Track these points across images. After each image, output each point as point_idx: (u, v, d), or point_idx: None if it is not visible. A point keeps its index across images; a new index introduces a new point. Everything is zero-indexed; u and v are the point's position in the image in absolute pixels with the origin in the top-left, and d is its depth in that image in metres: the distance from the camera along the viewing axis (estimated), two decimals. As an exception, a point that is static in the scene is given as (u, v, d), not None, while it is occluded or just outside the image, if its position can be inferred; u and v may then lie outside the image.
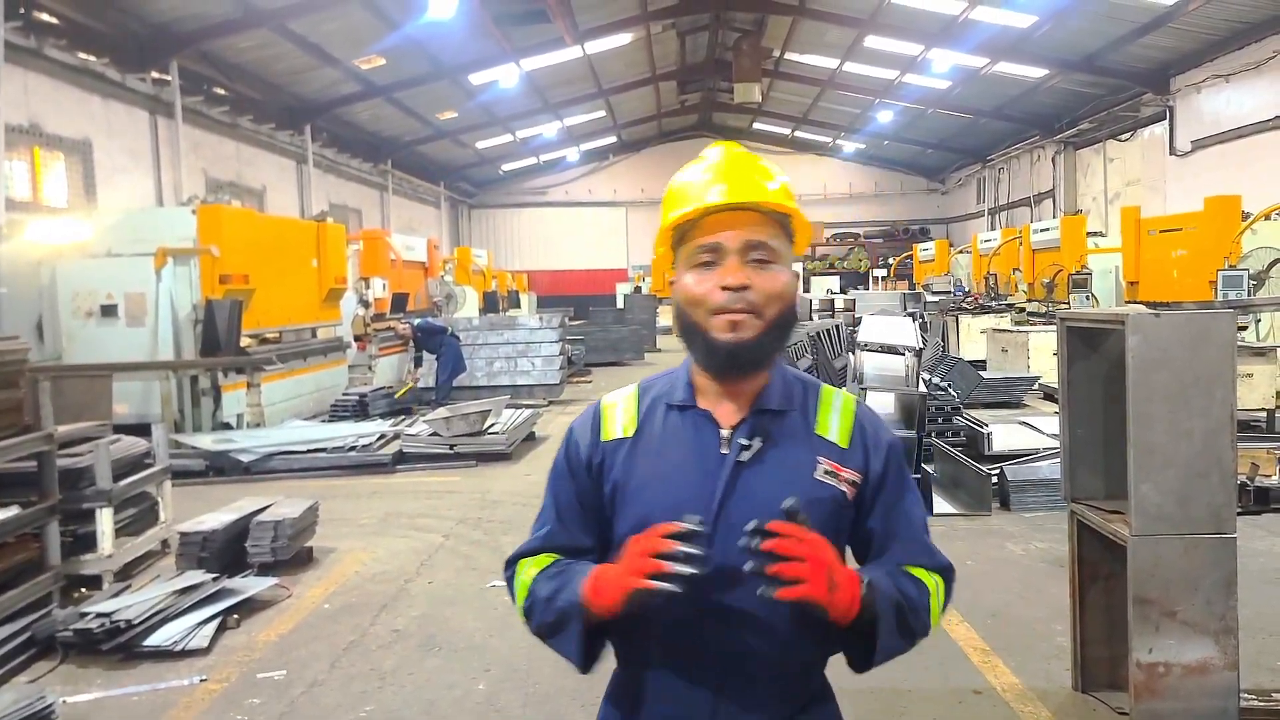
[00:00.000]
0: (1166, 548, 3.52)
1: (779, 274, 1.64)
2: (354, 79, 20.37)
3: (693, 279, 1.65)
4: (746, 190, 1.65)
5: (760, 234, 1.64)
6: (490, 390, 13.97)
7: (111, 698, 4.56)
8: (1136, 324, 3.47)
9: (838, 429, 1.70)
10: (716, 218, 1.64)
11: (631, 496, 1.69)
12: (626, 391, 1.81)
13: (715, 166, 1.70)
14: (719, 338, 1.62)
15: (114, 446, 6.48)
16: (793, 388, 1.73)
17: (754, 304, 1.61)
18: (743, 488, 1.63)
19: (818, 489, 1.64)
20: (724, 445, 1.66)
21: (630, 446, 1.72)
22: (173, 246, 10.85)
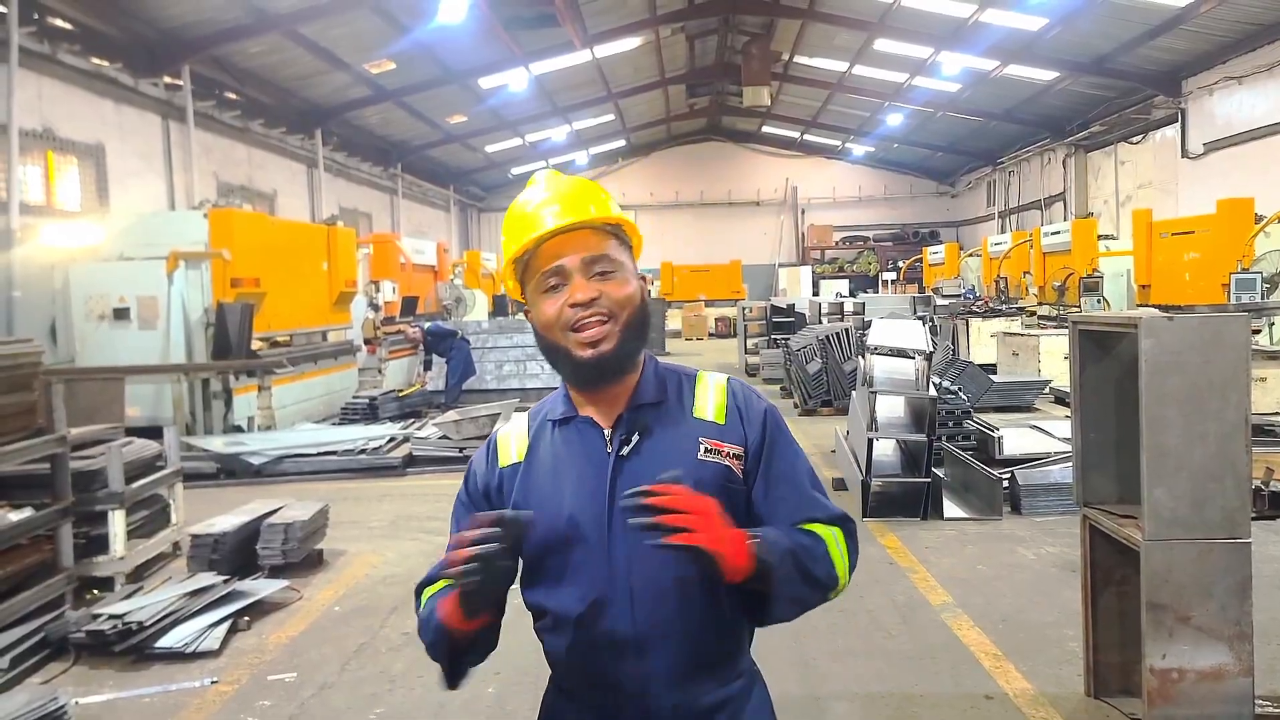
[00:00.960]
0: (1180, 552, 3.50)
1: (625, 281, 1.73)
2: (364, 83, 20.42)
3: (546, 304, 1.72)
4: (575, 210, 1.72)
5: (597, 248, 1.72)
6: (499, 394, 13.98)
7: (123, 699, 4.57)
8: (1150, 327, 3.45)
9: (713, 408, 1.77)
10: (553, 243, 1.72)
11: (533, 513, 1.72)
12: (517, 419, 1.90)
13: (541, 194, 1.77)
14: (581, 355, 1.69)
15: (126, 449, 6.51)
16: (666, 379, 1.80)
17: (607, 311, 1.69)
18: (629, 480, 1.66)
19: (702, 469, 1.70)
20: (607, 445, 1.74)
21: (525, 469, 1.79)
22: (185, 250, 10.89)
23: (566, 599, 1.72)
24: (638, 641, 1.68)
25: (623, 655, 1.69)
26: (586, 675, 1.74)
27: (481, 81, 22.60)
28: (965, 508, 7.70)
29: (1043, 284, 18.70)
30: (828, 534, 1.75)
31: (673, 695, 1.71)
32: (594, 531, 1.70)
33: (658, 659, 1.69)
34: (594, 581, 1.69)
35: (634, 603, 1.68)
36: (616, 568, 1.68)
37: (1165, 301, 14.18)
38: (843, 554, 1.75)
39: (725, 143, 37.84)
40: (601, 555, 1.69)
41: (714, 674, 1.74)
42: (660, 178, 38.31)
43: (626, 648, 1.69)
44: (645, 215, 38.48)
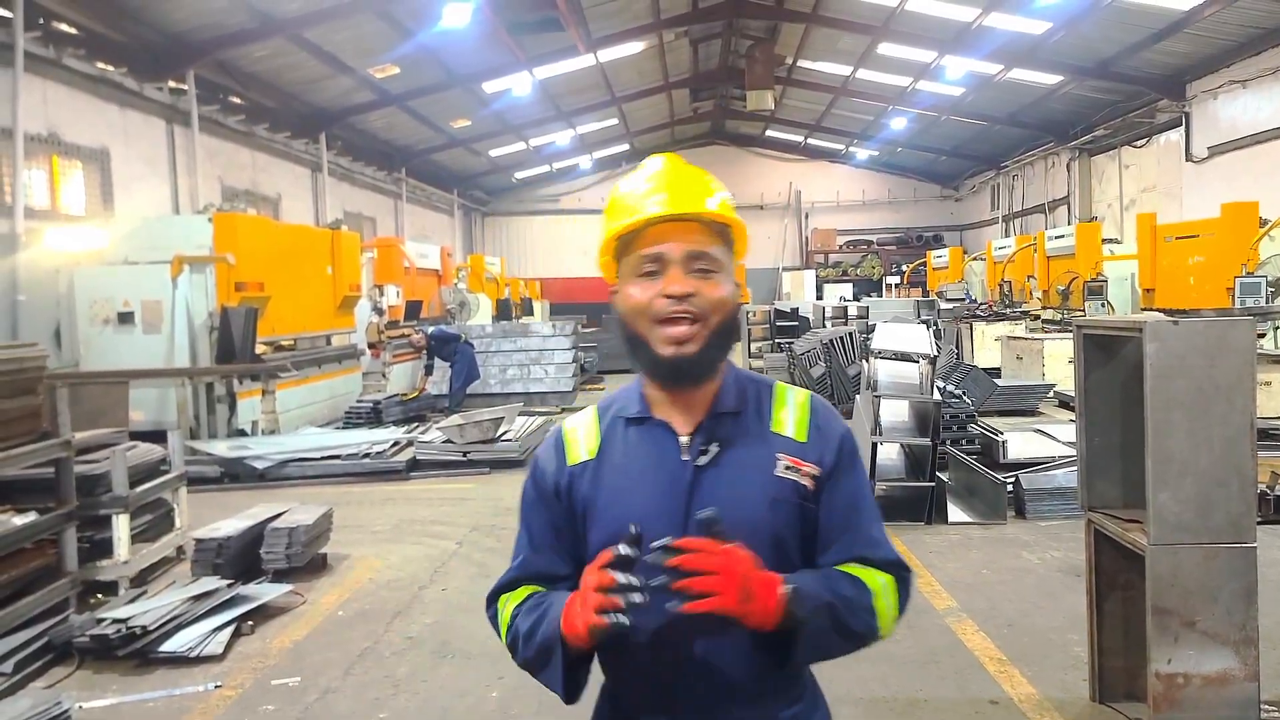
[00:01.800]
0: (1185, 557, 3.49)
1: (721, 284, 1.67)
2: (368, 87, 20.45)
3: (636, 289, 1.67)
4: (688, 201, 1.67)
5: (702, 244, 1.66)
6: (503, 397, 13.99)
7: (127, 703, 4.57)
8: (1154, 332, 3.44)
9: (794, 424, 1.72)
10: (659, 228, 1.66)
11: (600, 515, 1.70)
12: (586, 414, 1.82)
13: (657, 177, 1.73)
14: (662, 352, 1.64)
15: (130, 453, 6.51)
16: (745, 388, 1.75)
17: (699, 311, 1.63)
18: (706, 491, 1.64)
19: (780, 486, 1.66)
20: (683, 452, 1.67)
21: (595, 467, 1.73)
22: (189, 254, 10.92)
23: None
24: (705, 656, 1.64)
25: (689, 669, 1.64)
26: (649, 686, 1.69)
27: (485, 86, 22.62)
28: (970, 512, 7.68)
29: (1047, 288, 18.68)
30: (877, 583, 1.69)
31: (739, 711, 1.67)
32: None
33: (725, 674, 1.64)
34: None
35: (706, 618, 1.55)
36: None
37: (1170, 305, 14.14)
38: (890, 606, 1.69)
39: (729, 146, 37.84)
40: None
41: (780, 692, 1.69)
42: (664, 182, 38.28)
43: (687, 663, 1.64)
44: (649, 219, 38.44)
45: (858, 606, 1.64)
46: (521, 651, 1.74)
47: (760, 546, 1.58)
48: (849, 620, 1.63)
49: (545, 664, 1.69)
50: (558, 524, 1.76)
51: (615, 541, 1.59)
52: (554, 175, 36.94)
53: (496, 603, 1.84)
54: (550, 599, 1.71)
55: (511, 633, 1.76)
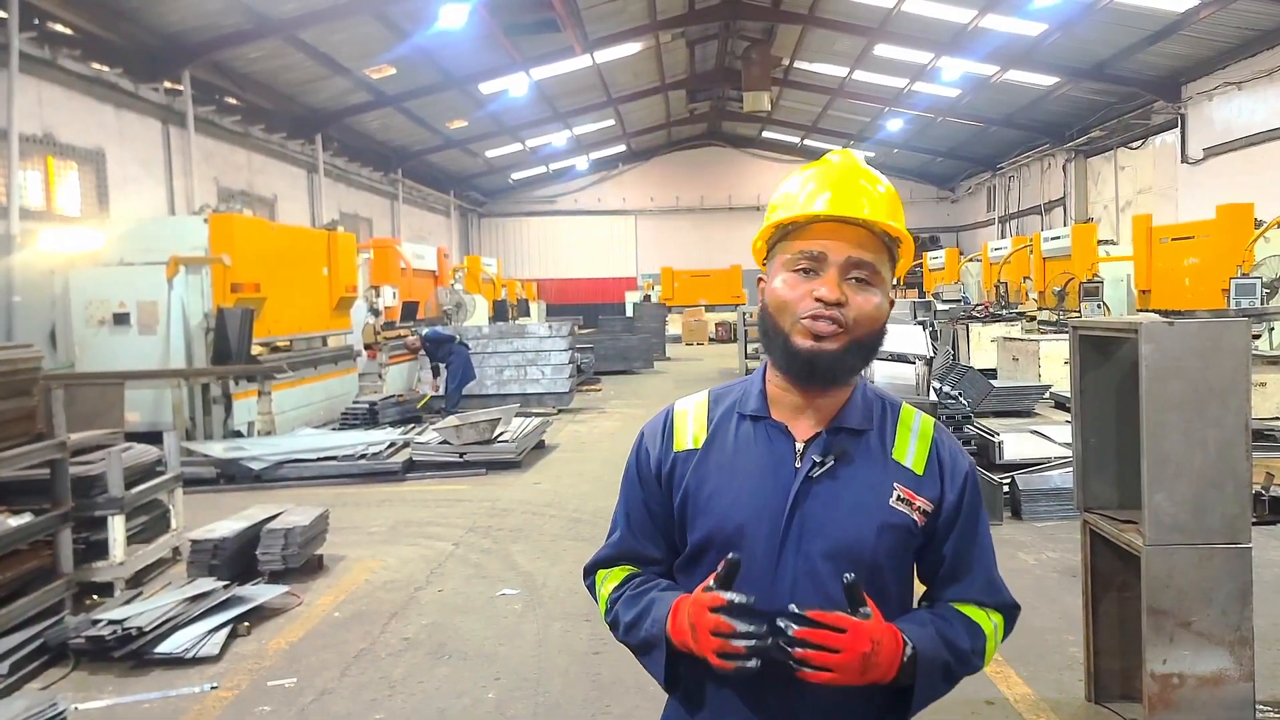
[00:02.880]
0: (1181, 558, 3.50)
1: (874, 295, 1.60)
2: (364, 88, 20.47)
3: (786, 283, 1.61)
4: (860, 206, 1.60)
5: (866, 253, 1.60)
6: (500, 399, 13.97)
7: (123, 705, 4.56)
8: (1150, 333, 3.45)
9: (914, 455, 1.66)
10: (825, 226, 1.60)
11: (702, 507, 1.66)
12: (698, 399, 1.78)
13: (832, 174, 1.66)
14: (800, 344, 1.58)
15: (126, 454, 6.50)
16: (872, 407, 1.68)
17: (845, 322, 1.57)
18: (813, 505, 1.60)
19: (890, 515, 1.61)
20: (797, 459, 1.62)
21: (701, 456, 1.69)
22: (185, 255, 10.89)
23: None
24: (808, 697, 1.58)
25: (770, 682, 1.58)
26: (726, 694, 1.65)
27: (482, 87, 22.64)
28: (965, 513, 7.67)
29: (1043, 289, 18.72)
30: (989, 626, 1.70)
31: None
32: (764, 546, 1.60)
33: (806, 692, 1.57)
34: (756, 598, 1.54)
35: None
36: (780, 590, 1.58)
37: (1165, 306, 14.17)
38: (996, 645, 1.71)
39: (726, 148, 37.90)
40: (766, 572, 1.60)
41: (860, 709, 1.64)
42: (660, 183, 38.36)
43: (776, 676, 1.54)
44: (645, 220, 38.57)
45: (969, 657, 1.65)
46: (623, 636, 1.73)
47: (857, 568, 1.55)
48: (959, 670, 1.65)
49: (647, 654, 1.68)
50: (654, 507, 1.75)
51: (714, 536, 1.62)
52: (550, 176, 36.97)
53: (595, 575, 1.83)
54: (652, 594, 1.70)
55: (611, 615, 1.75)
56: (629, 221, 38.86)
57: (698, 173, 38.08)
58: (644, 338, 22.34)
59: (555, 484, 9.45)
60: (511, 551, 7.03)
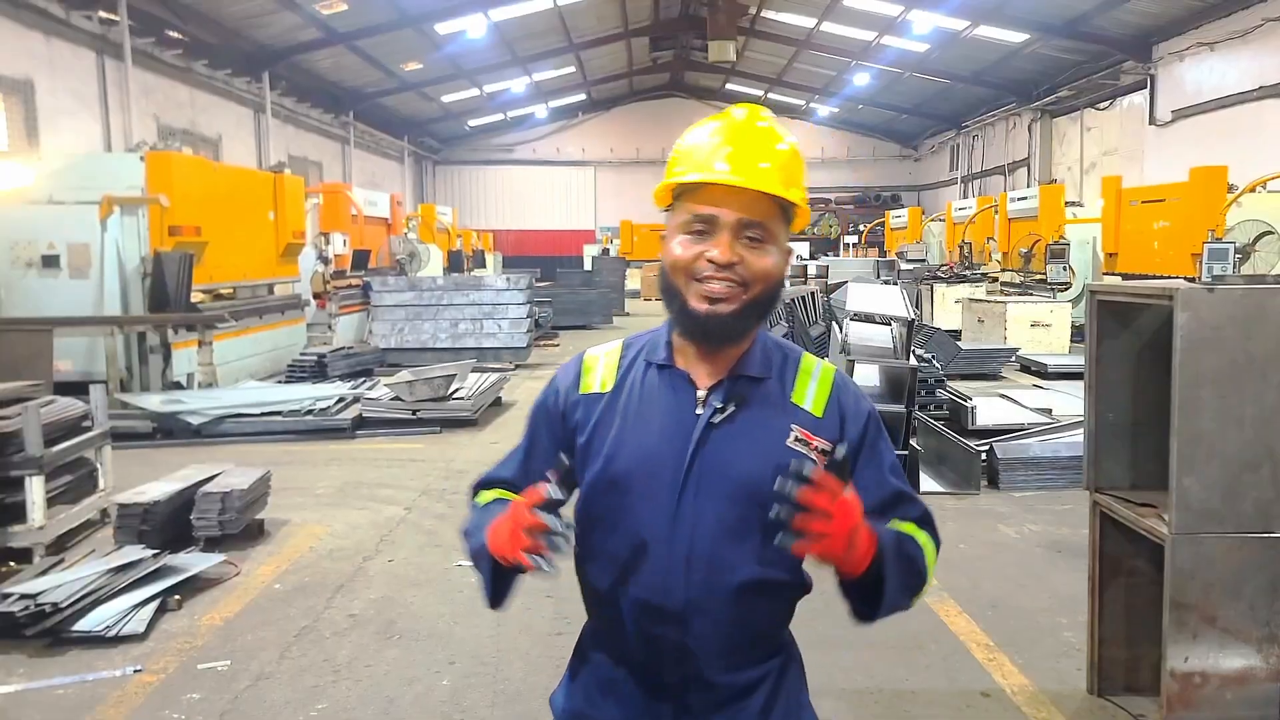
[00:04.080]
0: (1210, 548, 3.19)
1: (769, 254, 1.63)
2: (315, 24, 19.58)
3: (681, 244, 1.64)
4: (755, 173, 1.61)
5: (758, 213, 1.61)
6: (455, 353, 13.49)
7: (34, 690, 4.12)
8: (1187, 299, 3.10)
9: (814, 398, 1.70)
10: (718, 189, 1.61)
11: (603, 448, 1.69)
12: (610, 346, 1.81)
13: (731, 132, 1.66)
14: (695, 307, 1.61)
15: (47, 409, 6.00)
16: (772, 355, 1.72)
17: (740, 279, 1.61)
18: (713, 449, 1.63)
19: (788, 455, 1.62)
20: (699, 406, 1.66)
21: (607, 400, 1.72)
22: (119, 195, 10.25)
23: (619, 546, 1.66)
24: (685, 608, 1.62)
25: (667, 618, 1.63)
26: (626, 630, 1.68)
27: (438, 27, 21.83)
28: (940, 481, 7.42)
29: (1007, 250, 18.51)
30: (923, 540, 1.71)
31: (714, 667, 1.65)
32: (665, 491, 1.63)
33: (705, 629, 1.63)
34: (653, 538, 1.63)
35: (689, 569, 1.62)
36: (679, 531, 1.62)
37: (1132, 270, 14.01)
38: (933, 560, 1.72)
39: (688, 99, 37.23)
40: (666, 517, 1.63)
41: (757, 649, 1.70)
42: (621, 134, 37.67)
43: (672, 613, 1.62)
44: (605, 171, 37.92)
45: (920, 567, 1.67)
46: (466, 547, 1.78)
47: (754, 509, 1.58)
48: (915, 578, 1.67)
49: (477, 566, 1.73)
50: (555, 442, 1.77)
51: (614, 476, 1.66)
52: (508, 124, 36.12)
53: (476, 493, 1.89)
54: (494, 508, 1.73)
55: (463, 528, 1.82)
56: (588, 173, 38.18)
57: (659, 125, 37.38)
58: (603, 292, 21.88)
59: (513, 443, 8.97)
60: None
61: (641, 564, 1.64)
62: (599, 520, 1.69)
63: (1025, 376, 12.71)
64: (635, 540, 1.64)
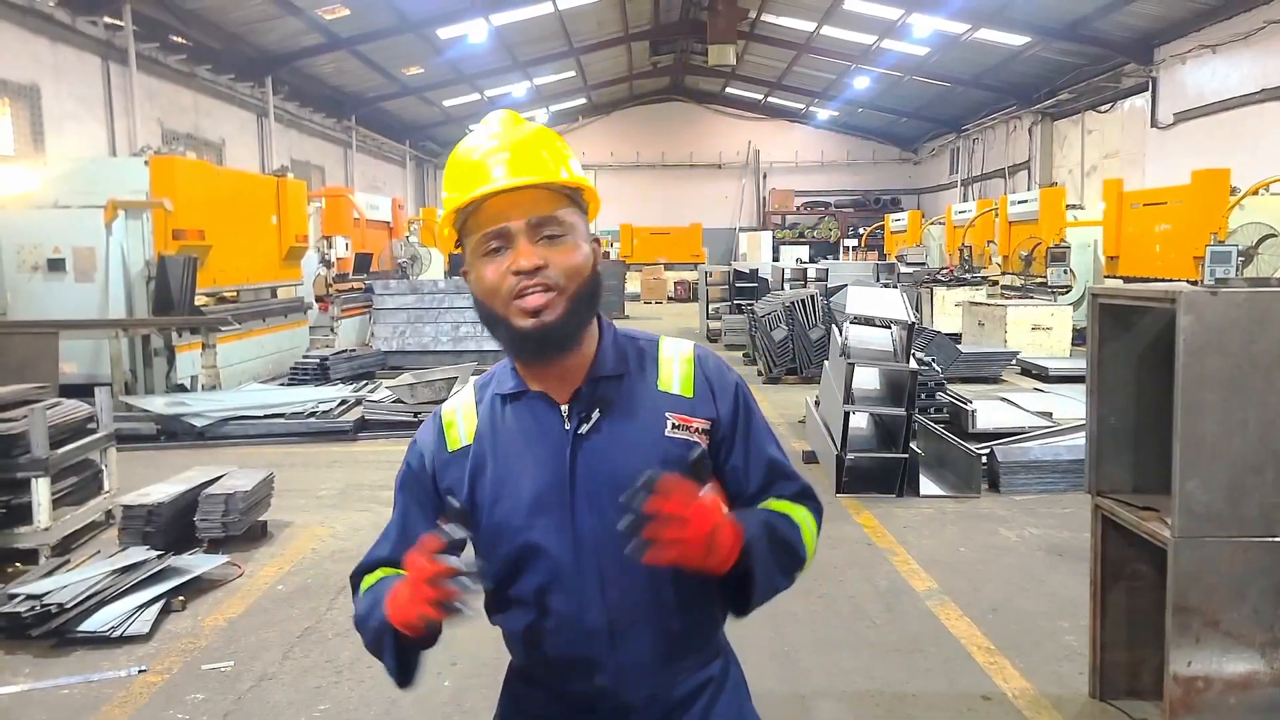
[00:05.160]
0: (1213, 551, 3.20)
1: (574, 247, 1.56)
2: (317, 30, 19.60)
3: (486, 269, 1.55)
4: (527, 167, 1.54)
5: (547, 209, 1.55)
6: (456, 355, 13.52)
7: (40, 690, 4.14)
8: (1190, 303, 3.12)
9: (680, 381, 1.65)
10: (498, 200, 1.54)
11: (487, 500, 1.62)
12: (464, 395, 1.74)
13: (492, 140, 1.58)
14: (521, 325, 1.53)
15: (54, 411, 6.03)
16: (625, 349, 1.67)
17: (553, 282, 1.53)
18: (590, 460, 1.58)
19: (671, 446, 1.60)
20: (565, 422, 1.60)
21: (475, 449, 1.66)
22: (124, 199, 10.28)
23: (527, 585, 1.61)
24: (609, 629, 1.58)
25: (593, 643, 1.59)
26: (554, 664, 1.64)
27: (440, 32, 21.86)
28: (940, 484, 7.42)
29: (1008, 253, 18.50)
30: (800, 516, 1.68)
31: (649, 682, 1.62)
32: (557, 518, 1.58)
33: (632, 646, 1.59)
34: (559, 568, 1.58)
35: (604, 588, 1.57)
36: (584, 554, 1.57)
37: (1134, 273, 14.02)
38: (813, 534, 1.69)
39: (688, 103, 37.27)
40: (565, 541, 1.58)
41: (690, 657, 1.66)
42: (621, 137, 37.69)
43: (597, 636, 1.59)
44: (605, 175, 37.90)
45: (794, 545, 1.64)
46: (363, 636, 1.67)
47: None
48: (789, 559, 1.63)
49: (381, 650, 1.63)
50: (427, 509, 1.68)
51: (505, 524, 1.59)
52: (509, 128, 36.09)
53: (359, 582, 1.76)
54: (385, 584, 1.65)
55: (356, 618, 1.71)
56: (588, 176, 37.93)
57: (659, 128, 37.43)
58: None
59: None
60: (469, 520, 6.64)
61: (555, 596, 1.59)
62: (502, 565, 1.62)
63: (1026, 380, 12.71)
64: (543, 575, 1.59)
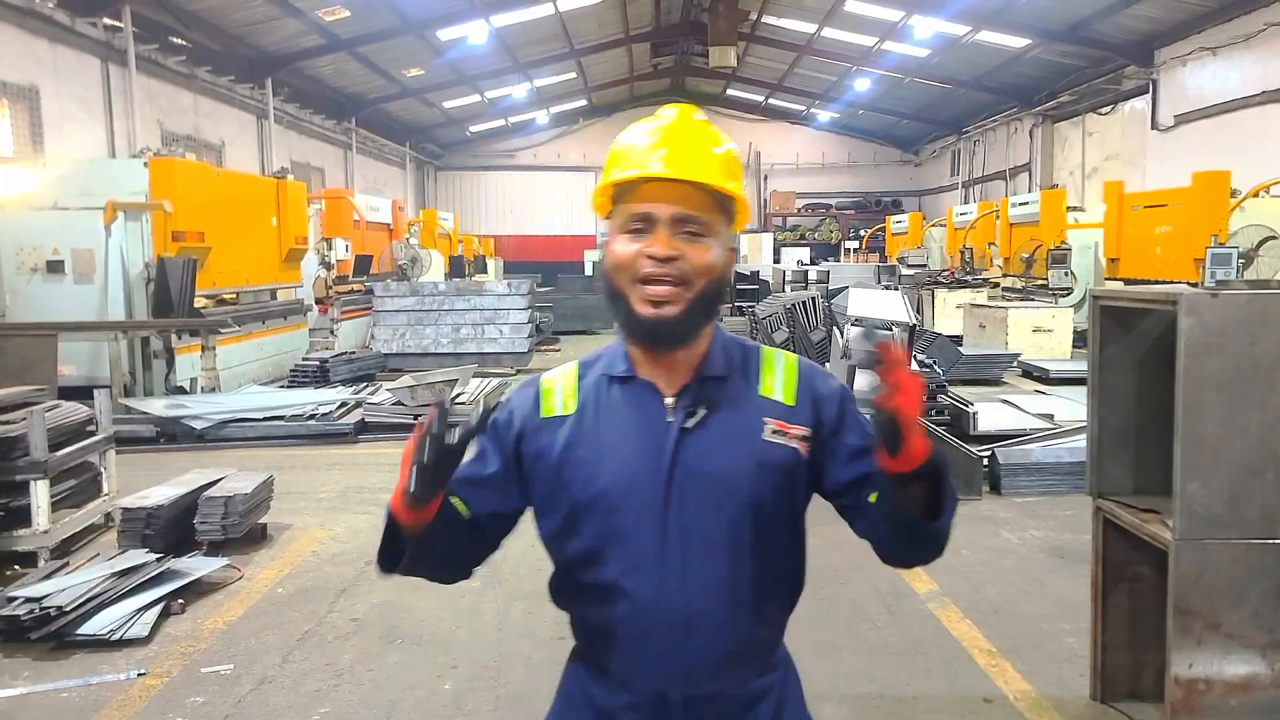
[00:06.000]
0: (1214, 553, 3.19)
1: (710, 248, 1.61)
2: (317, 31, 19.59)
3: (622, 244, 1.63)
4: (689, 166, 1.60)
5: (694, 208, 1.60)
6: (456, 358, 13.51)
7: (38, 693, 4.14)
8: (1191, 305, 3.11)
9: (783, 388, 1.69)
10: (653, 186, 1.61)
11: (580, 475, 1.65)
12: (566, 367, 1.78)
13: (665, 130, 1.67)
14: (641, 312, 1.60)
15: (53, 413, 6.02)
16: (732, 353, 1.71)
17: (682, 274, 1.58)
18: (690, 455, 1.61)
19: (768, 450, 1.63)
20: (668, 414, 1.64)
21: (573, 422, 1.69)
22: (124, 201, 10.28)
23: (608, 570, 1.63)
24: (685, 622, 1.60)
25: (667, 635, 1.61)
26: (625, 653, 1.65)
27: (440, 33, 21.83)
28: (942, 486, 7.39)
29: (1009, 255, 18.49)
30: None
31: (717, 680, 1.64)
32: (649, 503, 1.61)
33: (706, 641, 1.61)
34: (642, 556, 1.61)
35: (685, 581, 1.60)
36: (669, 545, 1.60)
37: (1134, 275, 14.01)
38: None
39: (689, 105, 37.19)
40: (654, 531, 1.61)
41: (758, 660, 1.69)
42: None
43: (672, 628, 1.60)
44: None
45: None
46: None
47: (741, 510, 1.61)
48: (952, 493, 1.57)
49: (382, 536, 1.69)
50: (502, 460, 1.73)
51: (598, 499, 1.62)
52: (510, 130, 36.10)
53: None
54: None
55: None
56: (589, 178, 38.07)
57: (661, 130, 37.39)
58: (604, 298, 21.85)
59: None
60: (469, 522, 6.63)
61: (634, 583, 1.61)
62: (584, 545, 1.65)
63: (1027, 382, 12.71)
64: (624, 561, 1.62)
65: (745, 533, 1.61)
